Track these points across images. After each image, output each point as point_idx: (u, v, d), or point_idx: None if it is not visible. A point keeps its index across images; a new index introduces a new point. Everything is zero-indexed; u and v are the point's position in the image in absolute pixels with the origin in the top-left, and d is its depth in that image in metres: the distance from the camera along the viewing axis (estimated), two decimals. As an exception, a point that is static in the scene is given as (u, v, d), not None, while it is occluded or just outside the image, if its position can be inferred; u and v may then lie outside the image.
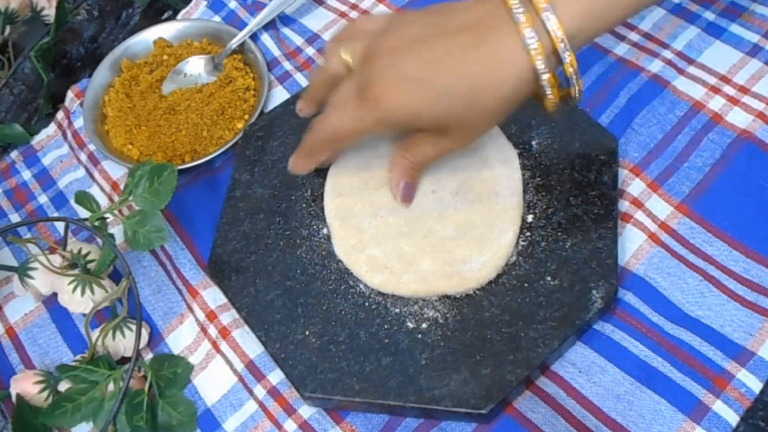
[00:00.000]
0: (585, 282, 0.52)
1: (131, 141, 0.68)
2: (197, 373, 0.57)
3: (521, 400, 0.51)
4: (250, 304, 0.56)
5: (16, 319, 0.62)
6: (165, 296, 0.61)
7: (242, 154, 0.63)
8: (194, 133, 0.67)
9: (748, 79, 0.61)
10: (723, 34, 0.64)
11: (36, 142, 0.73)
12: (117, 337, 0.57)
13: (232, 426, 0.54)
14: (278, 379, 0.54)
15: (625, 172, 0.59)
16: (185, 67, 0.72)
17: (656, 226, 0.56)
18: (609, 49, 0.65)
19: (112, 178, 0.68)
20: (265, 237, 0.59)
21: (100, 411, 0.53)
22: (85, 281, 0.58)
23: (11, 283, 0.62)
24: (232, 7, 0.77)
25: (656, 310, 0.53)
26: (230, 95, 0.69)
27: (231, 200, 0.61)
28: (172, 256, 0.62)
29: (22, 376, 0.56)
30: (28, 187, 0.70)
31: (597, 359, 0.52)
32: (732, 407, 0.48)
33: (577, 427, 0.50)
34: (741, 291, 0.53)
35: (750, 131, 0.59)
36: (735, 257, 0.54)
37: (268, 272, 0.57)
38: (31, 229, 0.67)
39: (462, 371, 0.50)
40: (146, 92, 0.71)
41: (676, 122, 0.60)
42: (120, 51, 0.73)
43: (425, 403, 0.50)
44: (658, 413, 0.49)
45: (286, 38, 0.74)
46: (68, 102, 0.73)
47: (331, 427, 0.53)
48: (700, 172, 0.58)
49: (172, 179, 0.57)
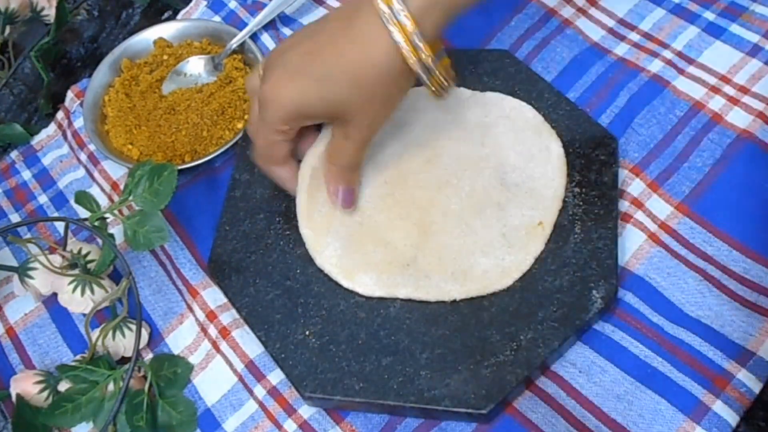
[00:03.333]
0: (585, 282, 0.52)
1: (131, 141, 0.68)
2: (197, 373, 0.57)
3: (521, 400, 0.51)
4: (250, 304, 0.56)
5: (16, 319, 0.62)
6: (165, 296, 0.61)
7: (242, 154, 0.63)
8: (194, 133, 0.67)
9: (748, 79, 0.61)
10: (723, 34, 0.64)
11: (36, 142, 0.73)
12: (117, 337, 0.57)
13: (232, 426, 0.54)
14: (278, 379, 0.54)
15: (625, 172, 0.59)
16: (185, 67, 0.72)
17: (656, 226, 0.56)
18: (609, 49, 0.65)
19: (112, 178, 0.68)
20: (265, 237, 0.59)
21: (100, 411, 0.53)
22: (85, 281, 0.58)
23: (11, 283, 0.62)
24: (232, 7, 0.77)
25: (656, 310, 0.53)
26: (230, 95, 0.69)
27: (231, 200, 0.61)
28: (172, 256, 0.62)
29: (22, 376, 0.56)
30: (28, 187, 0.70)
31: (597, 359, 0.52)
32: (732, 407, 0.48)
33: (577, 427, 0.50)
34: (741, 291, 0.53)
35: (750, 131, 0.59)
36: (735, 257, 0.54)
37: (268, 272, 0.57)
38: (31, 229, 0.67)
39: (462, 371, 0.50)
40: (146, 92, 0.71)
41: (676, 122, 0.60)
42: (120, 51, 0.73)
43: (425, 403, 0.50)
44: (658, 413, 0.49)
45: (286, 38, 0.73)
46: (68, 102, 0.73)
47: (331, 427, 0.53)
48: (700, 172, 0.58)
49: (172, 179, 0.57)
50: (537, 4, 0.69)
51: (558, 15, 0.68)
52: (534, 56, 0.66)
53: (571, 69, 0.65)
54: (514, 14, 0.69)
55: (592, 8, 0.68)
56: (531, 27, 0.68)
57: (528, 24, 0.68)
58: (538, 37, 0.67)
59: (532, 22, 0.68)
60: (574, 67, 0.65)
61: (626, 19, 0.67)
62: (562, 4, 0.68)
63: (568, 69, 0.65)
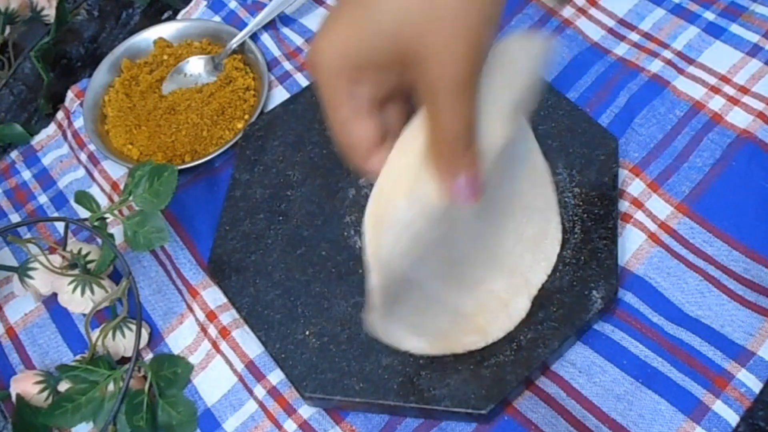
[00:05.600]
0: (585, 282, 0.52)
1: (131, 141, 0.68)
2: (197, 373, 0.57)
3: (521, 400, 0.51)
4: (250, 304, 0.56)
5: (16, 319, 0.62)
6: (165, 296, 0.61)
7: (242, 154, 0.63)
8: (194, 133, 0.67)
9: (748, 79, 0.61)
10: (723, 34, 0.64)
11: (36, 142, 0.73)
12: (117, 337, 0.57)
13: (232, 426, 0.54)
14: (278, 379, 0.54)
15: (625, 172, 0.59)
16: (185, 67, 0.72)
17: (656, 226, 0.56)
18: (609, 49, 0.65)
19: (112, 178, 0.68)
20: (265, 237, 0.59)
21: (100, 411, 0.53)
22: (85, 281, 0.58)
23: (11, 283, 0.62)
24: (232, 7, 0.77)
25: (656, 310, 0.53)
26: (230, 95, 0.69)
27: (231, 200, 0.61)
28: (172, 256, 0.62)
29: (22, 376, 0.56)
30: (28, 187, 0.70)
31: (597, 359, 0.52)
32: (732, 407, 0.48)
33: (577, 427, 0.50)
34: (741, 291, 0.53)
35: (750, 131, 0.59)
36: (735, 257, 0.54)
37: (268, 272, 0.57)
38: (31, 229, 0.67)
39: (462, 371, 0.50)
40: (146, 92, 0.71)
41: (676, 122, 0.60)
42: (120, 51, 0.73)
43: (425, 403, 0.50)
44: (658, 413, 0.49)
45: (286, 38, 0.74)
46: (68, 102, 0.73)
47: (331, 427, 0.53)
48: (700, 172, 0.58)
49: (172, 180, 0.57)
50: (537, 4, 0.69)
51: (558, 15, 0.68)
52: (534, 56, 0.66)
53: (571, 69, 0.65)
54: (514, 14, 0.69)
55: (592, 8, 0.68)
56: (531, 27, 0.68)
57: (528, 24, 0.68)
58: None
59: (532, 22, 0.68)
60: (574, 67, 0.65)
61: (626, 19, 0.67)
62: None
63: (568, 69, 0.65)
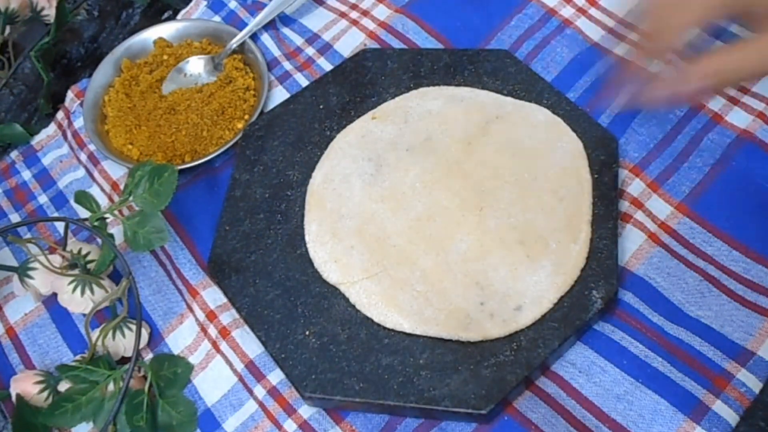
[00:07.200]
0: (585, 282, 0.52)
1: (131, 141, 0.68)
2: (197, 373, 0.57)
3: (521, 400, 0.51)
4: (250, 304, 0.56)
5: (16, 319, 0.62)
6: (165, 296, 0.61)
7: (242, 154, 0.63)
8: (194, 133, 0.67)
9: (748, 79, 0.61)
10: (723, 34, 0.64)
11: (36, 142, 0.73)
12: (117, 337, 0.57)
13: (232, 426, 0.54)
14: (278, 379, 0.54)
15: (625, 172, 0.59)
16: (185, 67, 0.72)
17: (656, 226, 0.56)
18: (609, 49, 0.65)
19: (112, 178, 0.68)
20: (265, 237, 0.59)
21: (100, 411, 0.53)
22: (85, 281, 0.58)
23: (11, 283, 0.62)
24: (232, 7, 0.77)
25: (656, 310, 0.53)
26: (230, 95, 0.69)
27: (231, 200, 0.61)
28: (172, 256, 0.62)
29: (22, 376, 0.56)
30: (28, 187, 0.70)
31: (597, 359, 0.52)
32: (732, 407, 0.48)
33: (577, 427, 0.50)
34: (741, 291, 0.53)
35: (750, 131, 0.59)
36: (735, 257, 0.54)
37: (268, 272, 0.57)
38: (31, 229, 0.67)
39: (462, 371, 0.50)
40: (146, 92, 0.71)
41: (676, 122, 0.60)
42: (120, 51, 0.73)
43: (425, 403, 0.50)
44: (658, 413, 0.49)
45: (286, 38, 0.74)
46: (68, 102, 0.73)
47: (331, 427, 0.53)
48: (700, 172, 0.58)
49: (172, 180, 0.57)
50: (537, 4, 0.69)
51: (558, 15, 0.68)
52: (534, 56, 0.66)
53: (571, 69, 0.65)
54: (514, 14, 0.69)
55: (592, 8, 0.68)
56: (531, 27, 0.68)
57: (528, 24, 0.68)
58: (538, 37, 0.67)
59: (532, 22, 0.68)
60: (574, 67, 0.65)
61: (626, 19, 0.67)
62: (562, 4, 0.68)
63: (568, 69, 0.65)
